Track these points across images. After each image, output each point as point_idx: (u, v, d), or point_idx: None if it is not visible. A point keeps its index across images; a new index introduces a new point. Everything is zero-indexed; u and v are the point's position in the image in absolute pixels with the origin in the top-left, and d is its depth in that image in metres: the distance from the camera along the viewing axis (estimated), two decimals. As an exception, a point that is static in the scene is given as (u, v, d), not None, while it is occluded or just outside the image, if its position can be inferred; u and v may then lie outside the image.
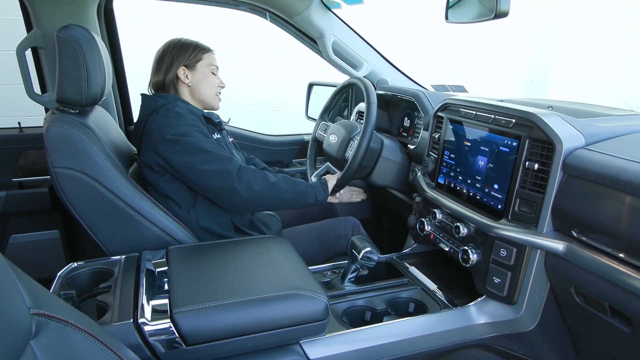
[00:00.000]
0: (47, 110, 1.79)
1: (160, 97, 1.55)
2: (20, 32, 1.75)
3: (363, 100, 1.65)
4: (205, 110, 1.61)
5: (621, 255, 0.96)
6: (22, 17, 1.76)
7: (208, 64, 1.62)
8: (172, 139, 1.40)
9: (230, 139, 1.74)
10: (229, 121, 1.78)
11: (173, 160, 1.41)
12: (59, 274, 1.16)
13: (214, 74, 1.64)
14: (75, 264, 1.20)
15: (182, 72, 1.58)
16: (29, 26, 1.75)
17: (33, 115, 2.58)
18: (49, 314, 0.62)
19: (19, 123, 1.98)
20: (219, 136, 1.58)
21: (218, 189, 1.42)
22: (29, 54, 1.72)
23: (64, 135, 1.27)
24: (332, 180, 1.64)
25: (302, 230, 1.74)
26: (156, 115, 1.46)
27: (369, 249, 1.33)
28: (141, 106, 1.55)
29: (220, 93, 1.68)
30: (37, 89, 1.77)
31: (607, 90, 5.30)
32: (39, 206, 1.89)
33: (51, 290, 1.09)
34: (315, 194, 1.56)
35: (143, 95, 1.57)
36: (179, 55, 1.59)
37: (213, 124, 1.59)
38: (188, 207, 1.49)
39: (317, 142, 1.96)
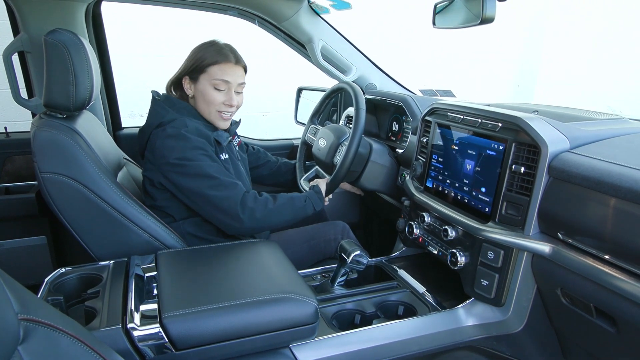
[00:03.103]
0: (34, 115, 1.77)
1: (172, 104, 1.49)
2: (6, 36, 1.73)
3: (352, 105, 1.66)
4: (215, 130, 1.53)
5: (606, 256, 0.97)
6: (8, 22, 1.75)
7: (211, 78, 1.47)
8: (177, 162, 1.37)
9: (238, 140, 1.71)
10: (239, 122, 1.71)
11: (178, 182, 1.40)
12: (46, 279, 1.15)
13: (218, 89, 1.48)
14: (63, 270, 1.19)
15: (186, 82, 1.52)
16: (15, 30, 1.73)
17: (20, 120, 2.56)
18: (36, 319, 0.61)
19: (6, 128, 1.97)
20: (227, 157, 1.54)
21: (222, 216, 1.41)
22: (15, 58, 1.70)
23: (52, 140, 1.26)
24: (322, 185, 1.65)
25: (291, 234, 1.74)
26: (163, 131, 1.41)
27: (358, 252, 1.34)
28: (150, 110, 1.49)
29: (226, 112, 1.52)
30: (24, 94, 1.76)
31: (592, 94, 5.37)
32: (26, 212, 1.87)
33: (39, 296, 1.08)
34: (313, 205, 1.56)
35: (154, 98, 1.52)
36: (188, 62, 1.51)
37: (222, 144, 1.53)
38: (181, 219, 1.49)
39: (307, 145, 1.96)
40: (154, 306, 1.03)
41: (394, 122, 1.96)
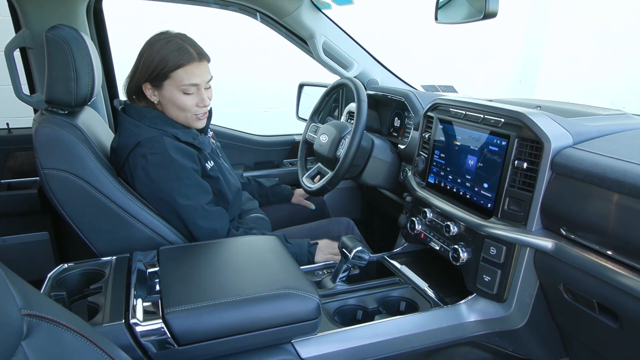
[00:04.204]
0: (36, 111, 1.77)
1: (142, 116, 1.38)
2: (8, 32, 1.73)
3: (353, 101, 1.66)
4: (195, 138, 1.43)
5: (609, 252, 0.97)
6: (10, 18, 1.74)
7: (177, 83, 1.34)
8: (163, 198, 1.35)
9: (211, 134, 1.64)
10: (211, 110, 1.55)
11: (166, 216, 1.39)
12: (49, 275, 1.15)
13: (187, 93, 1.36)
14: (66, 265, 1.19)
15: (147, 88, 1.39)
16: (17, 26, 1.73)
17: (22, 117, 2.56)
18: (40, 314, 0.62)
19: (8, 124, 1.97)
20: (212, 164, 1.49)
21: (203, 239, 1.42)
22: (17, 54, 1.70)
23: (54, 136, 1.26)
24: (320, 253, 1.57)
25: (294, 232, 1.72)
26: (143, 157, 1.33)
27: (360, 248, 1.34)
28: (121, 128, 1.39)
29: (200, 114, 1.42)
30: (26, 90, 1.76)
31: (594, 90, 5.36)
32: (28, 207, 1.87)
33: (41, 292, 1.08)
34: (297, 257, 1.51)
35: (121, 114, 1.40)
36: (147, 67, 1.35)
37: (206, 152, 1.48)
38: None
39: (308, 144, 1.96)
40: (157, 302, 1.03)
41: (396, 118, 1.96)
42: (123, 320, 0.97)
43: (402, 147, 1.78)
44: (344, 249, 1.36)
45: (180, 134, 1.39)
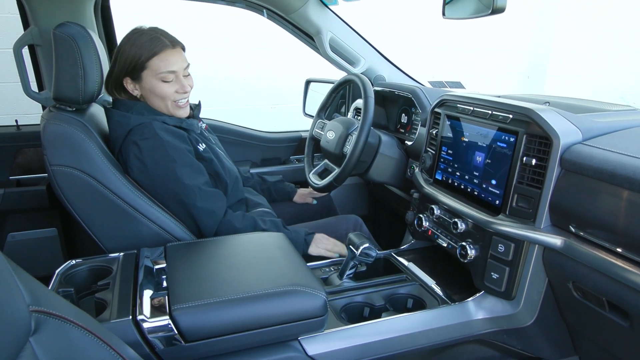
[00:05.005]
0: (44, 108, 1.78)
1: (128, 108, 1.41)
2: (17, 30, 1.74)
3: (360, 97, 1.65)
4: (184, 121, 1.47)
5: (619, 249, 0.96)
6: (19, 15, 1.75)
7: (155, 72, 1.38)
8: (158, 183, 1.37)
9: (204, 125, 1.65)
10: (199, 104, 1.61)
11: (163, 201, 1.40)
12: (57, 271, 1.16)
13: (165, 81, 1.39)
14: (74, 262, 1.20)
15: (128, 83, 1.42)
16: (25, 24, 1.74)
17: (30, 114, 2.58)
18: (48, 311, 0.62)
19: (16, 121, 1.98)
20: (205, 146, 1.50)
21: (201, 225, 1.42)
22: (26, 51, 1.71)
23: (61, 133, 1.27)
24: (317, 244, 1.55)
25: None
26: (134, 145, 1.35)
27: (367, 245, 1.33)
28: (111, 123, 1.42)
29: (181, 100, 1.44)
30: (34, 87, 1.77)
31: (604, 85, 5.30)
32: (37, 204, 1.89)
33: (50, 288, 1.09)
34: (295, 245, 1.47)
35: (109, 109, 1.43)
36: (121, 61, 1.39)
37: (195, 133, 1.50)
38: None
39: (315, 140, 1.96)
40: (164, 298, 1.03)
41: (403, 114, 1.95)
42: (130, 317, 0.97)
43: (410, 143, 1.77)
44: (350, 246, 1.35)
45: (167, 119, 1.43)
